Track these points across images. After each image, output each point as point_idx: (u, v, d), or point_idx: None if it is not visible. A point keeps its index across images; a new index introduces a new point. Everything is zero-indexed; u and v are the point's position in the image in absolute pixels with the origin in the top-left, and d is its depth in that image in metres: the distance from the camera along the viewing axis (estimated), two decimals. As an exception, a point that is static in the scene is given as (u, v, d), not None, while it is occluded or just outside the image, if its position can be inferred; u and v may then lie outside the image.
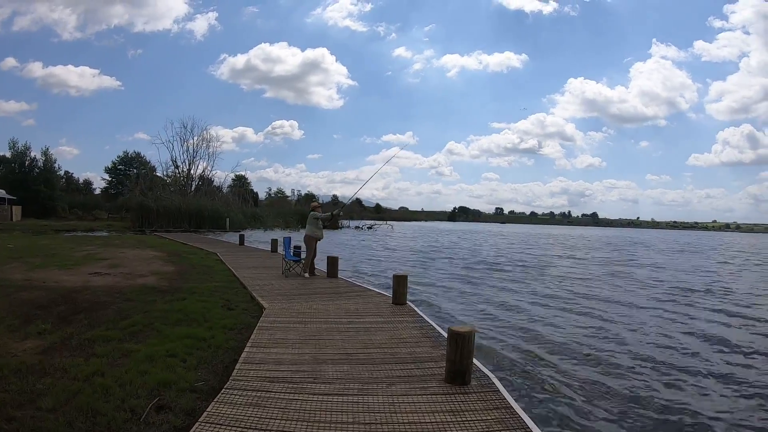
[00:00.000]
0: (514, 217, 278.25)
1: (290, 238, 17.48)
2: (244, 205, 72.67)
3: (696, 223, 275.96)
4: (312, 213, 15.48)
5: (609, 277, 24.40)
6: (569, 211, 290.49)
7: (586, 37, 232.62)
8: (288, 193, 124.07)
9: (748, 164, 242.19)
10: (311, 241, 15.42)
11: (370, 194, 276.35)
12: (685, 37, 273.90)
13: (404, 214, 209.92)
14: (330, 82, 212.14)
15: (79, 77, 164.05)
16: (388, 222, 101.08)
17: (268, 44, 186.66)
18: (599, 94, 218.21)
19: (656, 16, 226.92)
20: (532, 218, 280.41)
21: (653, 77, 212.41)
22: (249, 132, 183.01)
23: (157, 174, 71.70)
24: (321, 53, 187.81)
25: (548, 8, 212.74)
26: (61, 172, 75.49)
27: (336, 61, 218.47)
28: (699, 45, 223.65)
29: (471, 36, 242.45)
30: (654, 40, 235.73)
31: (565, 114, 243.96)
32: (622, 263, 34.21)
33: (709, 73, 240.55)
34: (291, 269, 15.75)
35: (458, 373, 5.96)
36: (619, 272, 27.30)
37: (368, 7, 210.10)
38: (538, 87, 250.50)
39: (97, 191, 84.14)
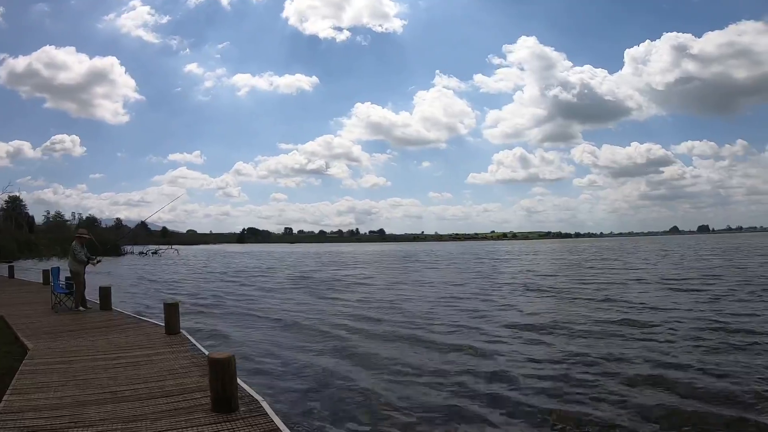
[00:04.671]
0: (304, 237, 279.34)
1: (59, 268, 15.89)
2: (17, 231, 64.92)
3: (476, 234, 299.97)
4: (72, 245, 14.30)
5: (382, 291, 25.69)
6: (357, 229, 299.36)
7: (374, 65, 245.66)
8: (68, 216, 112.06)
9: (521, 182, 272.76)
10: (74, 275, 14.17)
11: (157, 217, 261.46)
12: (466, 70, 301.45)
13: (192, 237, 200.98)
14: (116, 95, 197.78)
15: None
16: (174, 246, 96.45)
17: (53, 47, 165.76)
18: (385, 118, 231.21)
19: (441, 50, 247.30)
20: (321, 237, 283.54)
21: (435, 105, 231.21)
22: (26, 146, 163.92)
23: None
24: (110, 62, 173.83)
25: (342, 36, 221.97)
26: None
27: (125, 72, 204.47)
28: (479, 78, 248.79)
29: (264, 56, 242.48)
30: (437, 71, 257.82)
31: (352, 136, 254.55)
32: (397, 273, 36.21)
33: (487, 102, 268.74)
34: (61, 303, 14.33)
35: (223, 401, 5.82)
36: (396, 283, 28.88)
37: (165, 19, 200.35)
38: (326, 109, 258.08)
39: None
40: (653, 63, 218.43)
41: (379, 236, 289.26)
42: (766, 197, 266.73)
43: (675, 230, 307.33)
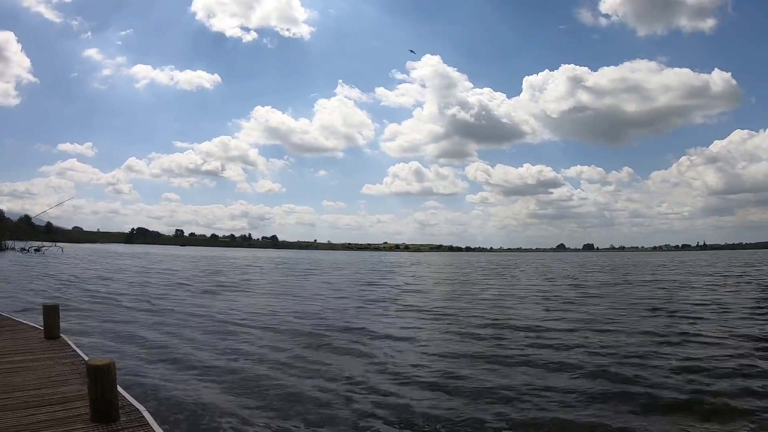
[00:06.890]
0: (195, 240, 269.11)
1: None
2: None
3: (369, 244, 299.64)
4: None
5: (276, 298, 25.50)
6: (250, 234, 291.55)
7: (278, 69, 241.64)
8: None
9: (415, 195, 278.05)
10: None
11: (40, 209, 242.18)
12: (369, 82, 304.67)
13: (78, 235, 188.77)
14: (9, 75, 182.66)
15: None
16: (58, 244, 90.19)
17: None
18: (283, 123, 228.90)
19: (346, 60, 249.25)
20: (213, 241, 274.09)
21: (335, 114, 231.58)
22: None
23: None
24: (6, 38, 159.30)
25: (248, 37, 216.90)
26: None
27: (21, 50, 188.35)
28: (380, 91, 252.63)
29: (166, 49, 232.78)
30: (340, 81, 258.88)
31: (249, 139, 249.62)
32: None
33: (387, 115, 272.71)
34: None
35: (103, 411, 5.62)
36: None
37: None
38: (225, 110, 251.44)
39: None
40: (550, 91, 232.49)
41: (272, 242, 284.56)
42: (647, 220, 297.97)
43: (561, 247, 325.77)
